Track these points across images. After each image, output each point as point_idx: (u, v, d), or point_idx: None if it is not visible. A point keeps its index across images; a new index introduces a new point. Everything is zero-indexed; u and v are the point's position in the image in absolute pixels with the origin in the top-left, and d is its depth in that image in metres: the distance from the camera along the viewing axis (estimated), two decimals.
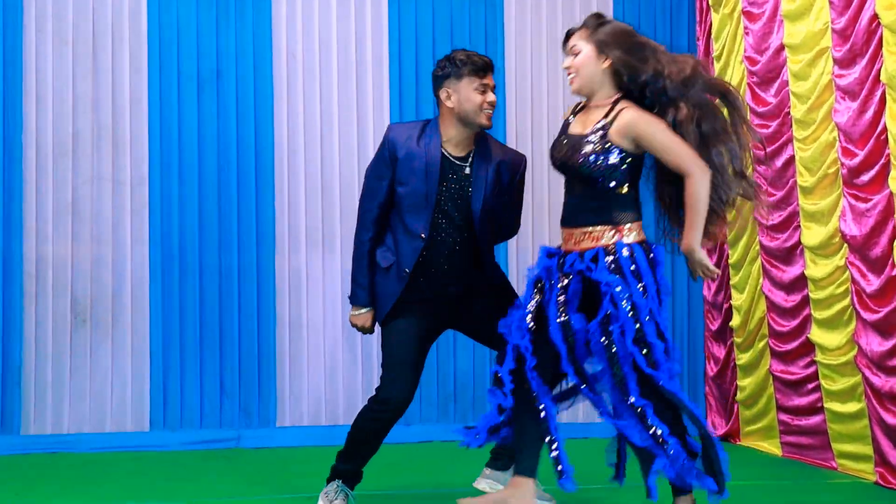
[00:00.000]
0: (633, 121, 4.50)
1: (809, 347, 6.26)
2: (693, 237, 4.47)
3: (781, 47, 6.37)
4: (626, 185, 4.57)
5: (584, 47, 4.60)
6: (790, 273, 6.44)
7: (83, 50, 7.25)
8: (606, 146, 4.52)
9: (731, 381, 7.18)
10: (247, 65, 7.39)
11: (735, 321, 7.06)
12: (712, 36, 7.23)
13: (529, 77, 7.60)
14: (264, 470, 6.42)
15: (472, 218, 5.04)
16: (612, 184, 4.55)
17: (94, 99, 7.22)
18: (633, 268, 4.47)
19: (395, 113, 7.48)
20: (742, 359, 7.01)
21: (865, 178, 5.62)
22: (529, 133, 7.58)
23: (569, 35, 4.69)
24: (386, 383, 5.05)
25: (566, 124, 4.75)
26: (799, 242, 6.29)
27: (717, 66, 7.10)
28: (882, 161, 5.48)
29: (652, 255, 4.54)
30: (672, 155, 4.47)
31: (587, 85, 4.63)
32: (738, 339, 7.06)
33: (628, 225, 4.55)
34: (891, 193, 5.39)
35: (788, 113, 6.34)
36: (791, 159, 6.34)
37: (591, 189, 4.56)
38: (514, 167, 5.17)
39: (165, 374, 7.26)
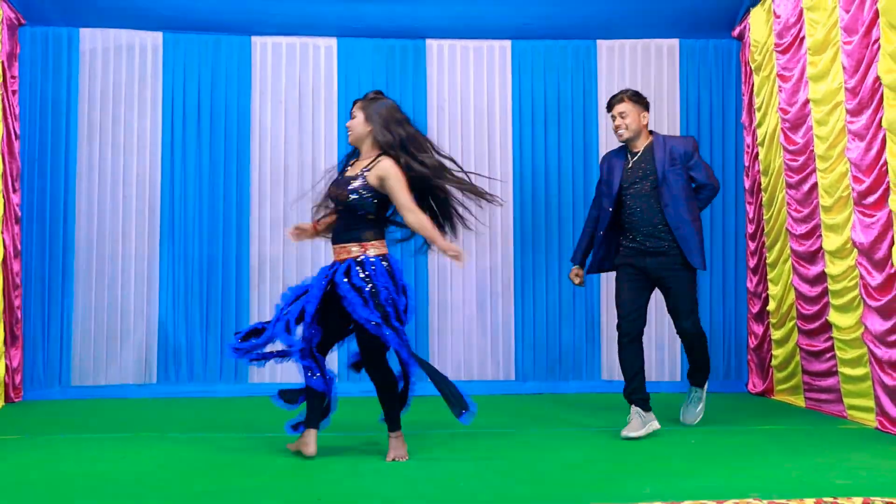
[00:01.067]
0: (384, 171, 4.80)
1: (828, 326, 6.20)
2: (432, 238, 4.84)
3: (807, 101, 6.30)
4: (373, 214, 4.83)
5: (358, 114, 4.94)
6: (813, 270, 6.38)
7: (292, 106, 7.40)
8: (365, 185, 4.80)
9: (768, 351, 7.14)
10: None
11: (771, 306, 7.01)
12: (754, 92, 7.18)
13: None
14: (420, 411, 6.46)
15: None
16: (363, 212, 4.81)
17: (299, 141, 7.37)
18: (372, 272, 4.77)
19: (516, 152, 7.49)
20: (776, 335, 6.97)
21: (871, 199, 5.53)
22: None
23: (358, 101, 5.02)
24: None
25: (343, 169, 5.00)
26: (821, 248, 6.22)
27: (758, 115, 7.08)
28: (883, 187, 5.41)
29: (386, 263, 4.81)
30: (397, 201, 4.81)
31: (357, 140, 4.96)
32: (773, 320, 7.01)
33: (372, 242, 4.81)
34: (890, 211, 5.32)
35: (812, 150, 6.27)
36: (815, 185, 6.26)
37: (352, 215, 4.84)
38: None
39: (349, 340, 7.36)
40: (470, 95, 7.54)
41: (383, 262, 4.84)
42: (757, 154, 7.15)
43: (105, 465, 4.71)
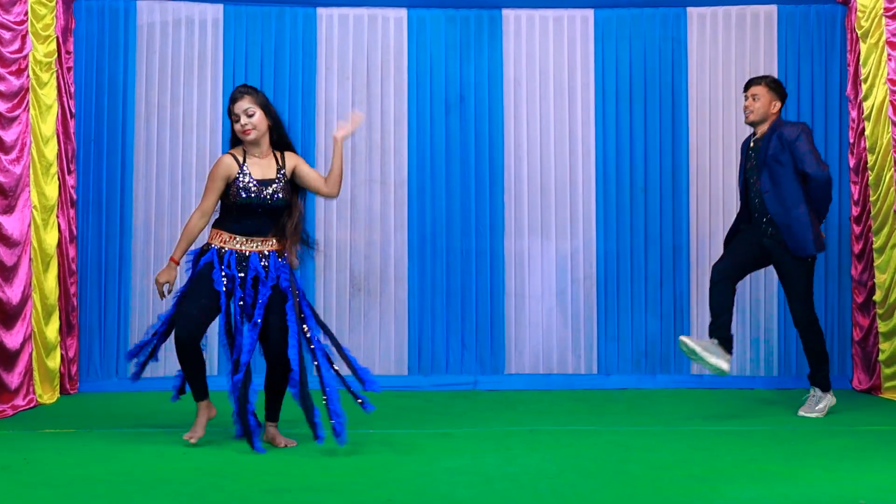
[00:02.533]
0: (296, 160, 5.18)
1: None
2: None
3: None
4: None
5: (256, 110, 5.08)
6: None
7: (360, 82, 7.39)
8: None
9: (874, 345, 6.95)
10: (483, 91, 7.42)
11: (878, 296, 6.83)
12: (860, 62, 7.00)
13: (708, 99, 7.50)
14: (497, 407, 6.48)
15: None
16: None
17: (367, 119, 7.34)
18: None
19: (599, 129, 7.43)
20: (883, 327, 6.78)
21: None
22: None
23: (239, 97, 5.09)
24: None
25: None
26: None
27: (864, 87, 6.89)
28: None
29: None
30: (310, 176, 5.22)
31: (260, 137, 5.11)
32: (879, 311, 6.83)
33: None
34: None
35: None
36: None
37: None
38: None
39: (420, 331, 7.35)
40: (549, 69, 7.46)
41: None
42: (863, 130, 6.96)
43: (164, 461, 4.74)
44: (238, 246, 5.07)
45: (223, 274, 5.01)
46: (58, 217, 6.64)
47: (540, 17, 7.47)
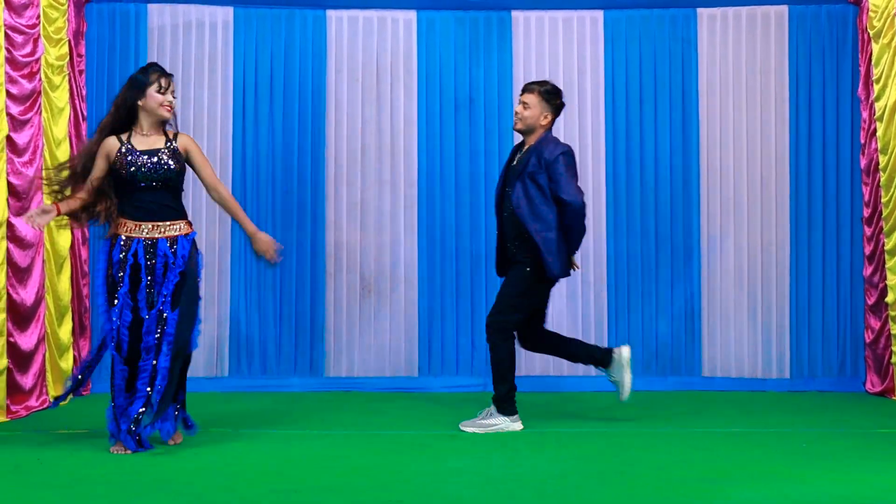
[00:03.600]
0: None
1: None
2: (243, 221, 5.40)
3: None
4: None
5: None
6: None
7: (369, 84, 7.43)
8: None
9: (886, 348, 6.95)
10: (492, 92, 7.45)
11: (890, 297, 6.82)
12: (872, 62, 7.01)
13: (719, 100, 7.52)
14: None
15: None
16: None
17: (377, 121, 7.40)
18: None
19: (609, 130, 7.44)
20: None
21: None
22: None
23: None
24: None
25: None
26: None
27: (876, 88, 6.90)
28: None
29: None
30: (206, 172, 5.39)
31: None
32: (892, 313, 6.82)
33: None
34: None
35: None
36: None
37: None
38: None
39: (430, 333, 7.39)
40: (559, 70, 7.49)
41: None
42: (875, 130, 6.97)
43: (173, 461, 4.80)
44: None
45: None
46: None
47: (549, 18, 7.51)
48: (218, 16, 7.39)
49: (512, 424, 5.62)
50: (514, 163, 5.78)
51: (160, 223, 5.12)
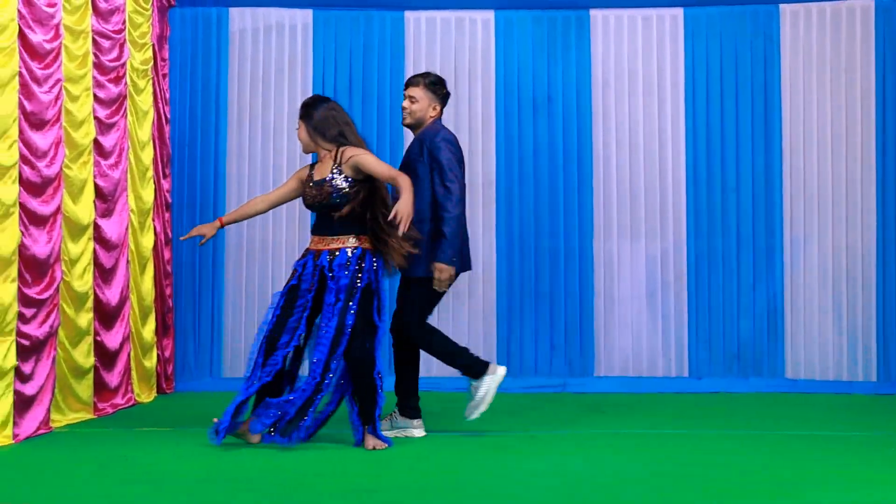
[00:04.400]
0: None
1: None
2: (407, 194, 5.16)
3: None
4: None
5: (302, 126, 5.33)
6: None
7: (447, 84, 7.43)
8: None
9: None
10: (571, 91, 7.45)
11: None
12: None
13: (802, 98, 7.42)
14: (586, 410, 6.50)
15: None
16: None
17: (455, 120, 7.33)
18: None
19: (689, 129, 7.40)
20: None
21: None
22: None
23: None
24: None
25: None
26: None
27: None
28: None
29: None
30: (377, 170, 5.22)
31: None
32: None
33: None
34: None
35: None
36: None
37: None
38: None
39: (509, 333, 7.39)
40: (638, 68, 7.47)
41: None
42: None
43: (254, 460, 4.87)
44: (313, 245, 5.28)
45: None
46: (154, 220, 6.88)
47: (628, 16, 7.48)
48: (297, 18, 7.50)
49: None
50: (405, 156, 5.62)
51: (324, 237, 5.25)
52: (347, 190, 5.16)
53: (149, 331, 6.81)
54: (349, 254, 5.16)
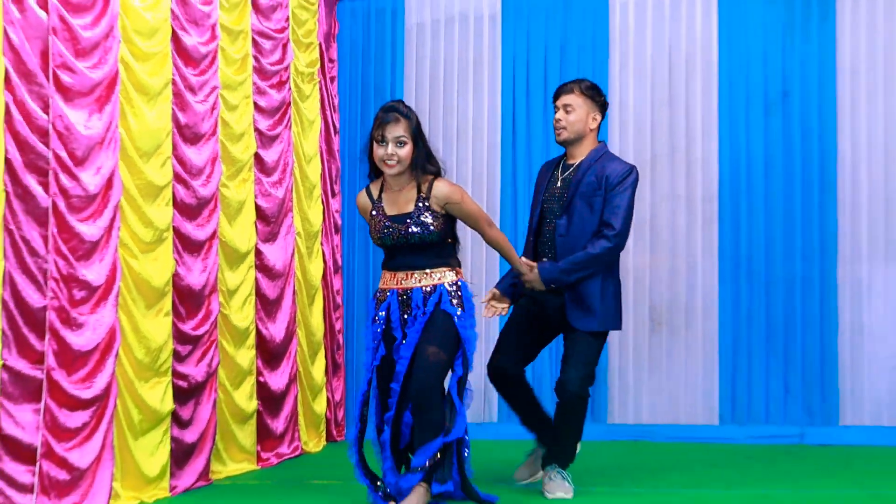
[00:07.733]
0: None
1: None
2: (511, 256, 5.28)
3: None
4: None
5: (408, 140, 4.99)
6: None
7: (660, 80, 7.41)
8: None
9: None
10: (811, 85, 7.26)
11: None
12: None
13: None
14: (829, 465, 6.32)
15: None
16: None
17: (669, 124, 7.34)
18: None
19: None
20: None
21: None
22: None
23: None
24: None
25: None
26: None
27: None
28: None
29: None
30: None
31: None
32: None
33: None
34: None
35: None
36: None
37: None
38: None
39: (734, 373, 7.28)
40: (894, 55, 7.23)
41: None
42: None
43: None
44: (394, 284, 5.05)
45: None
46: (322, 244, 6.91)
47: None
48: (484, 7, 7.55)
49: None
50: (559, 183, 5.50)
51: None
52: (434, 227, 4.94)
53: (318, 371, 6.84)
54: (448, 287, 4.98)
